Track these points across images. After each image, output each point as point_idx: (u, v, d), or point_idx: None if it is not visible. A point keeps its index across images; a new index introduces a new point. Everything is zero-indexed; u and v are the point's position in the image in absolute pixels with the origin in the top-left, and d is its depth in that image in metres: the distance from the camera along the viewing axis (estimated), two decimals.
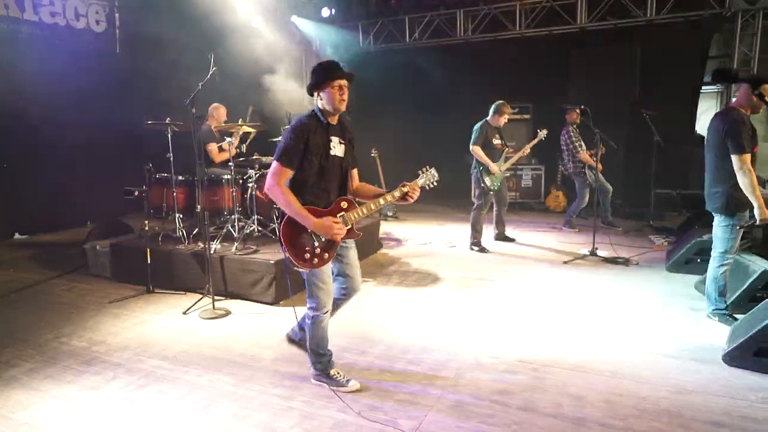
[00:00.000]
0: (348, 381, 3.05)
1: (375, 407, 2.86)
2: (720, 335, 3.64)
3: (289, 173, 2.71)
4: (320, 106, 2.82)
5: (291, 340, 3.40)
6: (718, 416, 2.72)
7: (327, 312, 2.93)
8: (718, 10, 7.76)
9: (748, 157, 3.56)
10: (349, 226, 2.84)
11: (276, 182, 2.68)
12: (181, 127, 5.11)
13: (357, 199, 2.99)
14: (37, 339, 3.88)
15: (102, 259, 5.45)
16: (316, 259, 2.74)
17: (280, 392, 3.05)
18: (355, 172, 3.10)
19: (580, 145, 7.18)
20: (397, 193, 2.93)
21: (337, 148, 2.87)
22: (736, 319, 3.79)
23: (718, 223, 3.83)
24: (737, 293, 4.06)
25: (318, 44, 10.71)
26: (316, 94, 2.82)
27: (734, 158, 3.58)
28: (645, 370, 3.24)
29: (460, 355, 3.50)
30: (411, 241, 7.07)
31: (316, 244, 2.74)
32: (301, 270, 2.78)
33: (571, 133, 7.23)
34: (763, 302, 3.47)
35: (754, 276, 4.05)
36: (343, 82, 2.78)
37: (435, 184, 3.06)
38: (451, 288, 4.98)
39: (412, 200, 2.95)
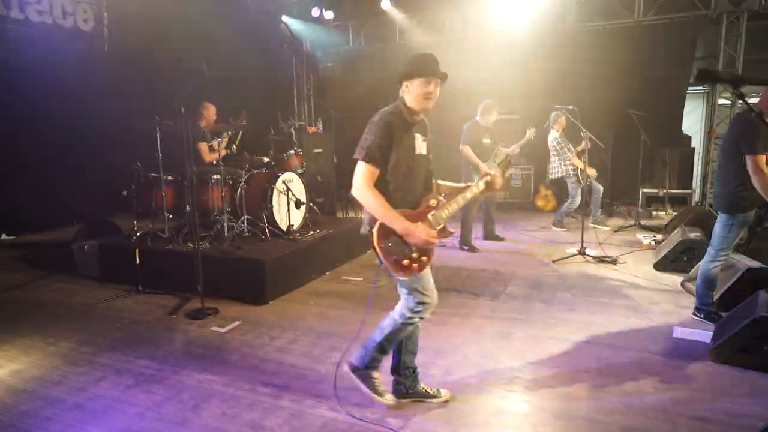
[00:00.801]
0: (384, 393, 2.81)
1: (364, 406, 2.87)
2: (705, 332, 3.69)
3: (376, 173, 2.49)
4: (406, 101, 2.63)
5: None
6: (703, 412, 2.76)
7: (421, 319, 2.73)
8: (703, 11, 7.85)
9: (762, 158, 3.55)
10: (441, 226, 2.65)
11: (365, 184, 2.46)
12: (170, 127, 5.09)
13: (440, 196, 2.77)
14: (23, 340, 3.85)
15: (90, 259, 5.41)
16: (415, 264, 2.52)
17: (269, 391, 3.05)
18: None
19: (570, 150, 7.25)
20: (481, 184, 2.79)
21: (422, 146, 2.70)
22: (721, 317, 3.84)
23: (719, 220, 3.87)
24: (722, 291, 4.12)
25: (308, 44, 10.70)
26: (405, 85, 2.61)
27: (747, 159, 3.54)
28: (631, 367, 3.28)
29: (448, 354, 3.52)
30: None
31: (413, 248, 2.51)
32: (402, 278, 2.57)
33: (559, 139, 7.32)
34: (747, 300, 3.53)
35: (739, 274, 4.11)
36: (438, 80, 2.61)
37: (511, 163, 2.93)
38: (441, 287, 4.96)
39: (497, 189, 2.85)
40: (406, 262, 2.50)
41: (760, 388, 2.99)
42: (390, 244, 2.48)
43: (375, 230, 2.48)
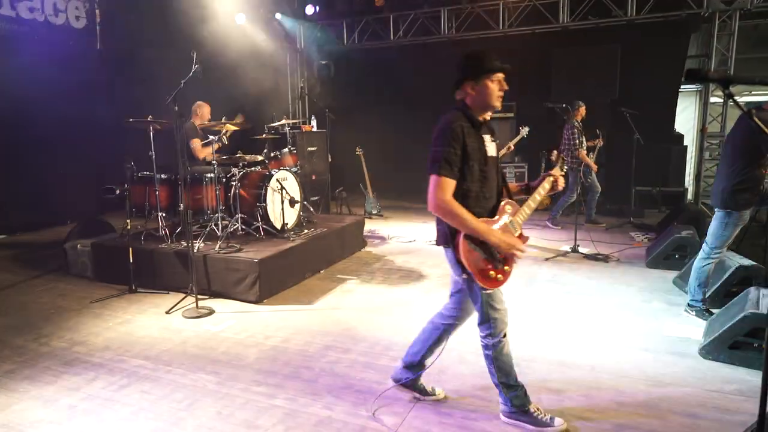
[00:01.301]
0: (552, 419, 2.62)
1: (358, 404, 2.88)
2: (697, 329, 3.73)
3: (453, 184, 2.37)
4: (469, 102, 2.49)
5: (398, 382, 2.92)
6: (694, 408, 2.79)
7: (506, 336, 2.64)
8: (696, 10, 7.89)
9: None
10: (519, 232, 2.57)
11: (444, 197, 2.35)
12: (164, 125, 5.06)
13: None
14: (15, 340, 3.83)
15: (83, 258, 5.38)
16: (500, 276, 2.46)
17: (263, 390, 3.05)
18: None
19: (581, 143, 7.21)
20: (547, 185, 2.70)
21: (491, 148, 2.55)
22: (711, 314, 3.88)
23: (716, 217, 3.91)
24: (713, 288, 4.16)
25: (302, 42, 10.67)
26: (469, 86, 2.48)
27: None
28: (623, 364, 3.30)
29: (443, 352, 3.52)
30: (395, 239, 7.10)
31: (498, 258, 2.44)
32: (487, 291, 2.50)
33: (575, 130, 7.23)
34: (738, 297, 3.57)
35: (730, 271, 4.15)
36: (503, 75, 2.50)
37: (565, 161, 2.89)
38: (435, 285, 5.02)
39: (560, 187, 2.74)
40: (492, 273, 2.43)
41: (749, 384, 3.02)
42: (477, 256, 2.40)
43: (460, 243, 2.38)
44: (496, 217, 2.51)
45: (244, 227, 5.39)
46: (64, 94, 7.08)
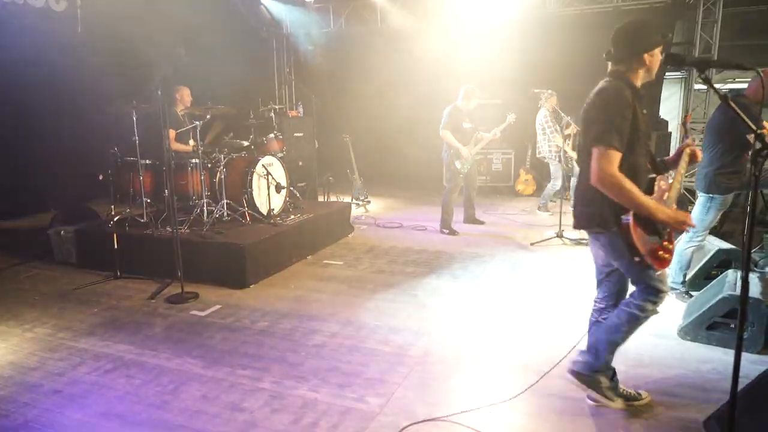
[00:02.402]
0: (614, 397, 2.64)
1: (344, 386, 2.91)
2: (676, 311, 3.80)
3: (619, 157, 2.24)
4: (630, 75, 2.37)
5: (576, 373, 2.72)
6: (673, 387, 2.86)
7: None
8: None
9: None
10: (673, 207, 2.42)
11: (611, 171, 2.21)
12: (147, 110, 5.00)
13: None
14: None
15: (67, 245, 5.34)
16: (668, 255, 2.35)
17: (249, 374, 3.07)
18: None
19: (556, 129, 7.31)
20: (686, 158, 2.56)
21: (644, 122, 2.40)
22: (691, 296, 3.96)
23: (699, 201, 3.97)
24: (693, 272, 4.24)
25: (288, 27, 10.55)
26: (644, 58, 2.34)
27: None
28: None
29: (427, 335, 3.57)
30: (381, 224, 7.11)
31: (665, 236, 2.35)
32: (657, 270, 2.39)
33: (548, 117, 7.34)
34: (716, 279, 3.65)
35: (709, 255, 4.23)
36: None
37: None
38: (421, 270, 5.05)
39: (699, 159, 2.60)
40: (661, 253, 2.32)
41: (726, 363, 3.09)
42: (646, 236, 2.29)
43: (632, 224, 2.26)
44: (654, 194, 2.40)
45: (229, 213, 5.37)
46: (45, 79, 6.94)
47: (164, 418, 2.64)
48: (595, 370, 2.63)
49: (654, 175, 2.44)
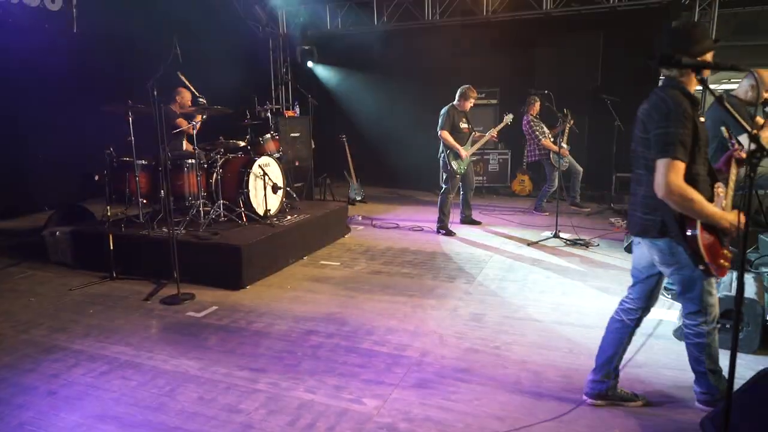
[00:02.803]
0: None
1: (341, 387, 2.91)
2: (672, 312, 3.81)
3: (683, 168, 2.23)
4: (686, 80, 2.35)
5: (599, 397, 2.71)
6: (668, 388, 2.87)
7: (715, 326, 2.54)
8: None
9: None
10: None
11: (679, 182, 2.20)
12: (143, 110, 4.98)
13: None
14: None
15: (62, 245, 5.31)
16: (727, 263, 2.34)
17: (246, 375, 3.06)
18: None
19: (542, 133, 7.40)
20: (735, 163, 2.50)
21: (703, 130, 2.37)
22: None
23: None
24: None
25: (284, 26, 10.53)
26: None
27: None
28: None
29: (424, 336, 3.57)
30: (378, 224, 7.11)
31: (725, 243, 2.35)
32: (713, 279, 2.40)
33: (532, 123, 7.46)
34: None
35: None
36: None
37: None
38: (417, 270, 5.06)
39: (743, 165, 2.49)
40: (722, 260, 2.32)
41: (721, 364, 3.09)
42: (712, 243, 2.29)
43: (699, 232, 2.25)
44: (714, 202, 2.38)
45: (226, 213, 5.36)
46: (40, 79, 6.92)
47: (161, 420, 2.63)
48: (717, 398, 2.60)
49: (712, 183, 2.43)
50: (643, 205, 2.45)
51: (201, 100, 5.48)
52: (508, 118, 6.68)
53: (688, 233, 2.28)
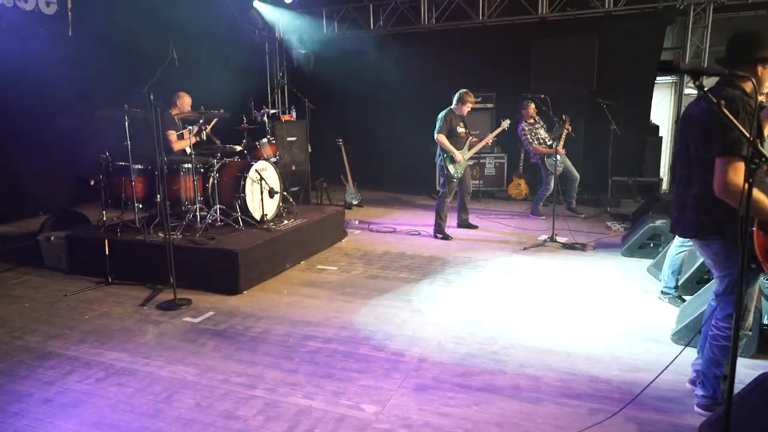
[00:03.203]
0: None
1: (339, 393, 2.89)
2: (669, 316, 3.82)
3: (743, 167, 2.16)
4: (742, 84, 2.37)
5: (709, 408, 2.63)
6: (666, 392, 2.87)
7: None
8: (672, 2, 8.01)
9: None
10: None
11: (739, 181, 2.18)
12: (139, 115, 4.96)
13: None
14: None
15: (57, 250, 5.27)
16: None
17: (243, 381, 3.04)
18: None
19: (535, 139, 7.47)
20: None
21: (762, 130, 2.41)
22: (684, 300, 3.98)
23: None
24: (686, 276, 4.26)
25: (281, 31, 10.54)
26: (759, 69, 2.34)
27: None
28: (599, 350, 3.37)
29: (422, 341, 3.56)
30: (375, 228, 7.10)
31: None
32: (760, 280, 2.41)
33: (525, 129, 7.53)
34: (709, 283, 3.66)
35: (701, 260, 4.24)
36: None
37: None
38: (414, 275, 5.05)
39: None
40: None
41: None
42: (766, 244, 2.28)
43: (755, 229, 2.25)
44: None
45: (222, 218, 5.34)
46: (36, 83, 6.89)
47: (157, 427, 2.61)
48: (717, 403, 2.58)
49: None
50: (695, 206, 2.45)
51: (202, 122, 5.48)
52: (505, 123, 6.70)
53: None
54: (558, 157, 7.18)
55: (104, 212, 5.42)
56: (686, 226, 2.54)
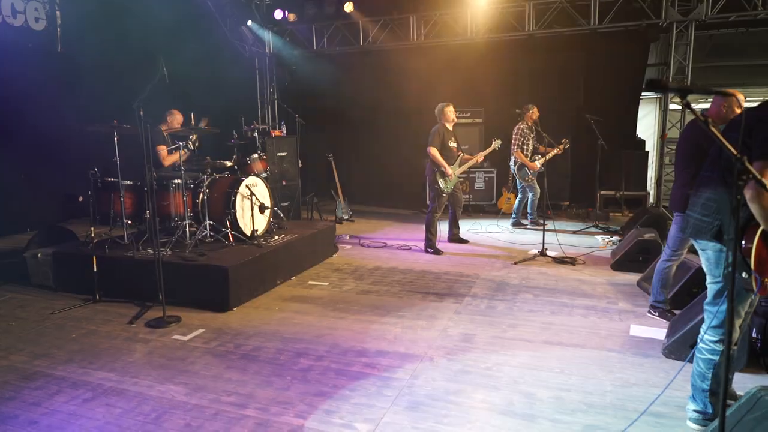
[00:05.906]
0: None
1: (331, 411, 2.86)
2: (660, 330, 3.84)
3: None
4: None
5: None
6: (658, 407, 2.86)
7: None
8: (655, 20, 8.17)
9: None
10: None
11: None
12: (128, 131, 4.94)
13: None
14: None
15: (44, 267, 5.20)
16: None
17: (233, 400, 3.00)
18: None
19: (522, 143, 7.55)
20: None
21: None
22: (674, 314, 4.00)
23: (675, 221, 4.02)
24: (675, 289, 4.29)
25: (270, 46, 10.59)
26: None
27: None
28: (591, 365, 3.38)
29: (415, 357, 3.55)
30: (366, 244, 7.09)
31: None
32: (750, 295, 2.37)
33: (521, 129, 7.59)
34: (699, 297, 3.68)
35: (691, 273, 4.29)
36: None
37: None
38: (406, 290, 5.04)
39: None
40: (767, 279, 2.24)
41: None
42: (765, 260, 2.22)
43: (754, 246, 2.21)
44: None
45: (212, 234, 5.30)
46: (25, 99, 6.84)
47: None
48: (709, 419, 2.58)
49: None
50: (703, 207, 2.47)
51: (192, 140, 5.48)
52: (497, 143, 6.77)
53: (743, 244, 2.24)
54: (531, 171, 7.32)
55: (92, 228, 5.36)
56: (691, 226, 2.57)
